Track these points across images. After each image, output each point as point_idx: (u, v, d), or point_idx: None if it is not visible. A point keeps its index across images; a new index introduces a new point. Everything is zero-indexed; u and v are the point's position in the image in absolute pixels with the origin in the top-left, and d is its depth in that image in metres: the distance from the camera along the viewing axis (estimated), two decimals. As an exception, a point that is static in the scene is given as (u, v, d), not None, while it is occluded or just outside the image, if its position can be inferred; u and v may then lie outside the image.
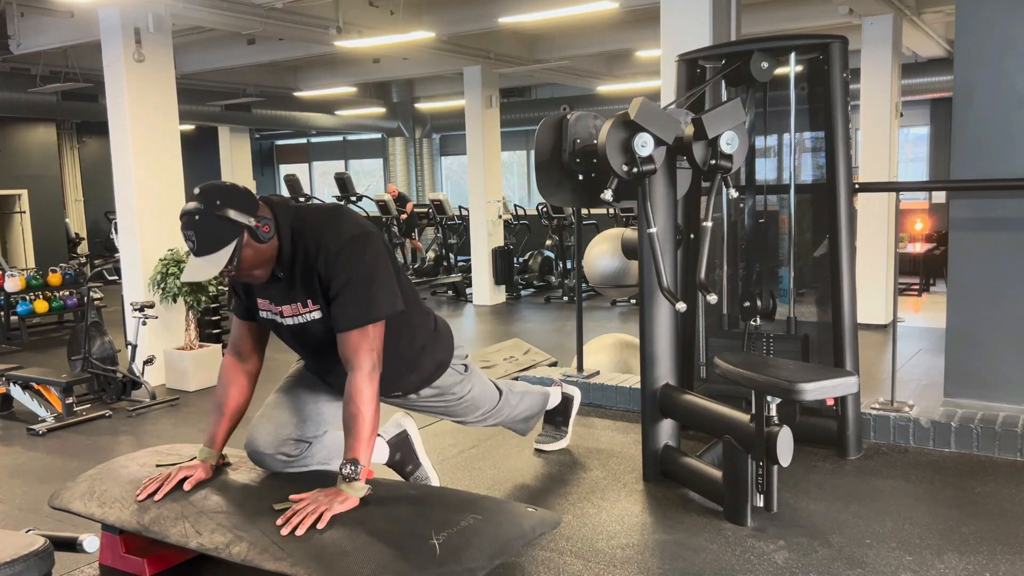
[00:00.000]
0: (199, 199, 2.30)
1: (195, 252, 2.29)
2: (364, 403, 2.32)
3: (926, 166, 13.50)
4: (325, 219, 2.43)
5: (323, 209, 2.51)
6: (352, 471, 2.31)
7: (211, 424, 2.64)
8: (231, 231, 2.28)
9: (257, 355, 2.68)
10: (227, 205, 2.28)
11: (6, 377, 5.60)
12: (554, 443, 3.68)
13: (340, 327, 2.38)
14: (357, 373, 2.34)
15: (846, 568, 2.54)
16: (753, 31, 8.10)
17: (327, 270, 2.37)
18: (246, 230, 2.30)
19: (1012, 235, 3.73)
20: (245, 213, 2.30)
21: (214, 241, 2.27)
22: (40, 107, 10.78)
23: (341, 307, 2.37)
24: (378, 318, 2.39)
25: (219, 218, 2.27)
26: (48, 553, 1.90)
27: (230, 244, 2.28)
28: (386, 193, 13.22)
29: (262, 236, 2.32)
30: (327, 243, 2.37)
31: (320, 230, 2.40)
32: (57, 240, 14.13)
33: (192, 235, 2.28)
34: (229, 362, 2.65)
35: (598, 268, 4.83)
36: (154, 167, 6.87)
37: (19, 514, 3.44)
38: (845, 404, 3.50)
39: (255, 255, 2.34)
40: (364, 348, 2.36)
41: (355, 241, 2.38)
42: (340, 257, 2.36)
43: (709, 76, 3.78)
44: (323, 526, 2.21)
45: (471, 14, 8.47)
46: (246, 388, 2.65)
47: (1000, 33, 3.70)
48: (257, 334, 2.66)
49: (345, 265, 2.36)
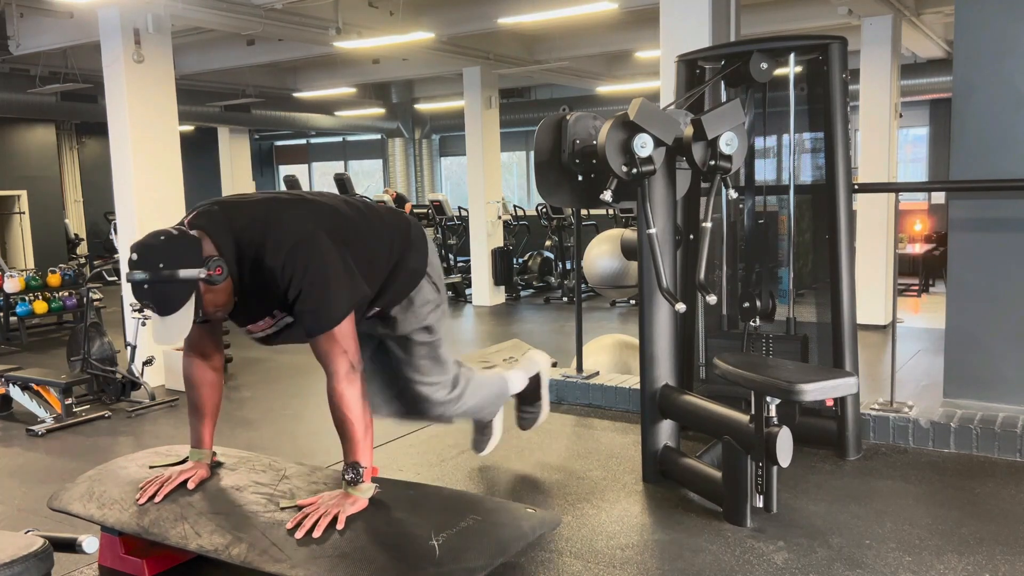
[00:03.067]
0: (140, 266, 2.22)
1: (159, 314, 2.24)
2: (349, 408, 2.32)
3: (925, 167, 13.50)
4: (260, 232, 2.34)
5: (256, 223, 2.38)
6: (355, 475, 2.32)
7: (193, 426, 2.64)
8: (185, 289, 2.24)
9: (218, 351, 2.66)
10: (171, 266, 2.22)
11: (5, 378, 5.59)
12: (537, 418, 3.55)
13: (307, 334, 2.36)
14: (334, 380, 2.33)
15: (845, 569, 2.54)
16: (752, 32, 8.10)
17: (279, 285, 2.32)
18: (200, 282, 2.26)
19: (1011, 235, 3.73)
20: (192, 266, 2.24)
21: (172, 302, 2.23)
22: (39, 108, 10.76)
23: (302, 316, 2.35)
24: (340, 318, 2.34)
25: (168, 281, 2.22)
26: (47, 554, 1.90)
27: (189, 300, 2.24)
28: (385, 194, 13.22)
29: (216, 280, 2.28)
30: (268, 263, 2.31)
31: (259, 251, 2.32)
32: (56, 241, 14.12)
33: (148, 303, 2.23)
34: (194, 363, 2.62)
35: (598, 269, 4.83)
36: (154, 168, 6.86)
37: (18, 515, 3.44)
38: (844, 405, 3.50)
39: (216, 297, 2.32)
40: (336, 352, 2.33)
41: (295, 251, 2.31)
42: (285, 271, 2.30)
43: (708, 77, 3.78)
44: (341, 527, 2.21)
45: (470, 15, 8.46)
46: (217, 384, 2.65)
47: (999, 34, 3.70)
48: (213, 332, 2.63)
49: (294, 278, 2.30)
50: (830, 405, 3.55)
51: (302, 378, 5.94)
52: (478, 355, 5.54)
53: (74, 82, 9.73)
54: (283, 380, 5.94)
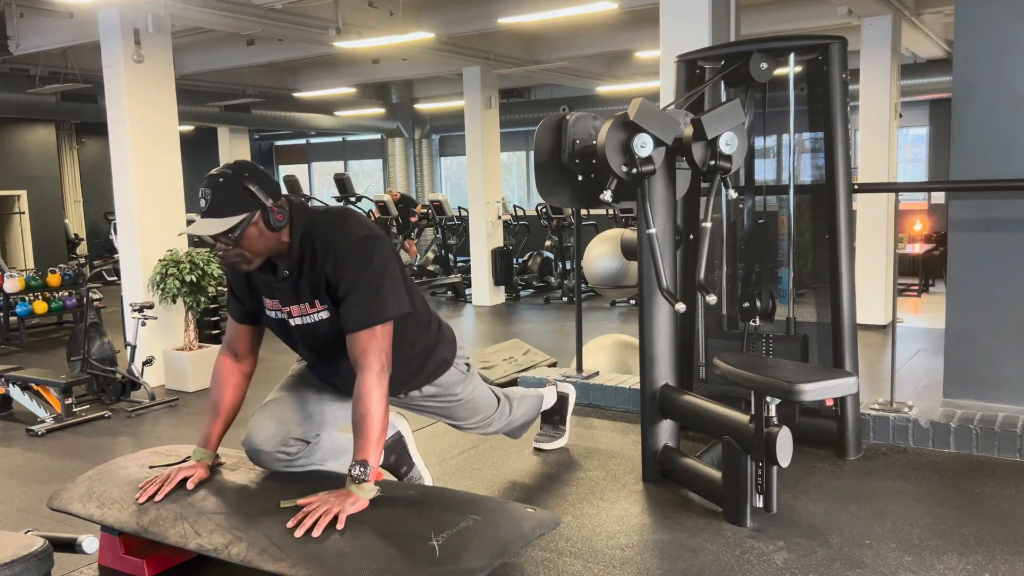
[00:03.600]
0: (231, 166, 2.35)
1: (204, 212, 2.31)
2: (373, 404, 2.33)
3: (925, 167, 13.51)
4: (334, 221, 2.45)
5: (332, 211, 2.53)
6: (362, 472, 2.31)
7: (206, 424, 2.64)
8: (246, 203, 2.30)
9: (253, 356, 2.68)
10: (252, 180, 2.32)
11: (5, 378, 5.59)
12: (553, 442, 3.69)
13: (349, 328, 2.38)
14: (366, 374, 2.35)
15: (845, 569, 2.54)
16: (752, 32, 8.11)
17: (335, 271, 2.38)
18: (260, 208, 2.32)
19: (1011, 236, 3.74)
20: (266, 194, 2.33)
21: (227, 206, 2.29)
22: (39, 108, 10.77)
23: (350, 307, 2.38)
24: (387, 319, 2.39)
25: (240, 187, 2.30)
26: (47, 554, 1.90)
27: (241, 214, 2.29)
28: (385, 194, 13.22)
29: (274, 222, 2.34)
30: (336, 244, 2.38)
31: (329, 231, 2.41)
32: (56, 241, 14.13)
33: (208, 194, 2.30)
34: (225, 362, 2.64)
35: (597, 269, 4.83)
36: (153, 168, 6.86)
37: (18, 515, 3.44)
38: (844, 405, 3.50)
39: (259, 238, 2.35)
40: (373, 349, 2.36)
41: (364, 242, 2.39)
42: (349, 258, 2.37)
43: (708, 77, 3.78)
44: (341, 527, 2.21)
45: (470, 15, 8.47)
46: (241, 388, 2.65)
47: (999, 34, 3.70)
48: (253, 336, 2.66)
49: (354, 266, 2.37)
50: (830, 405, 3.55)
51: (302, 378, 5.93)
52: (477, 355, 5.55)
53: (74, 82, 9.74)
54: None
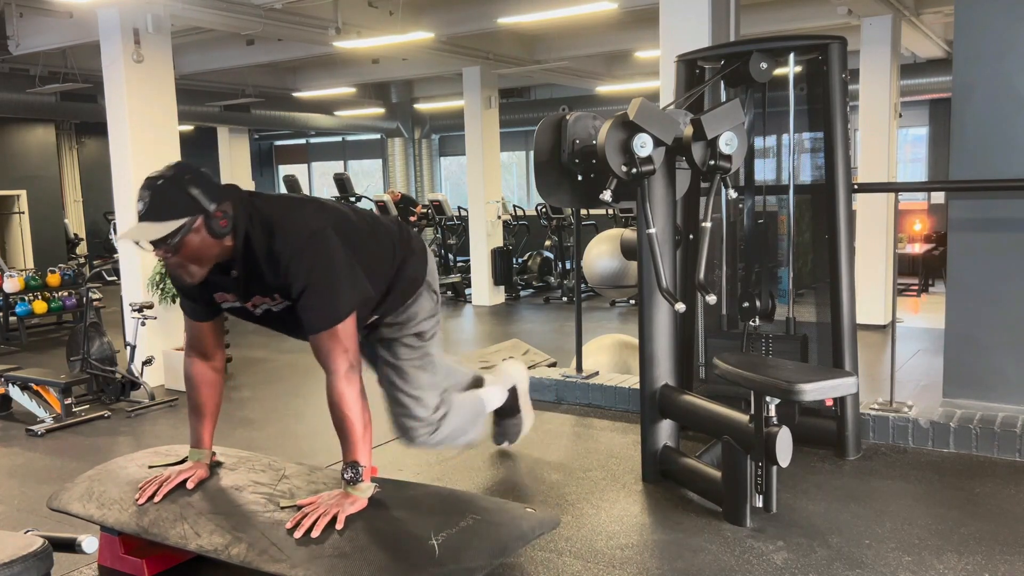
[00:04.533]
0: (171, 168, 2.27)
1: (141, 215, 2.22)
2: (348, 407, 2.31)
3: (925, 167, 13.50)
4: (277, 220, 2.35)
5: (277, 206, 2.41)
6: (354, 474, 2.31)
7: (193, 426, 2.64)
8: (186, 208, 2.21)
9: (220, 351, 2.66)
10: (193, 183, 2.23)
11: (5, 378, 5.59)
12: (519, 431, 3.53)
13: (309, 331, 2.35)
14: (334, 378, 2.32)
15: (845, 568, 2.54)
16: (752, 32, 8.10)
17: (283, 276, 2.32)
18: (202, 214, 2.23)
19: (1011, 236, 3.74)
20: (208, 198, 2.24)
21: (165, 210, 2.20)
22: (39, 107, 10.76)
23: (305, 311, 2.33)
24: (343, 316, 2.34)
25: (181, 191, 2.21)
26: (47, 554, 1.90)
27: (180, 219, 2.21)
28: (385, 194, 13.22)
29: (216, 228, 2.26)
30: (278, 248, 2.31)
31: (270, 234, 2.32)
32: (56, 241, 14.11)
33: (146, 196, 2.21)
34: (194, 363, 2.62)
35: (597, 269, 4.83)
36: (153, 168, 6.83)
37: (18, 515, 3.43)
38: (844, 405, 3.50)
39: (201, 245, 2.27)
40: (337, 350, 2.32)
41: (306, 244, 2.32)
42: (292, 263, 2.30)
43: (708, 77, 3.78)
44: (341, 527, 2.21)
45: (470, 15, 8.46)
46: (217, 385, 2.64)
47: (999, 34, 3.70)
48: (215, 331, 2.62)
49: (301, 269, 2.30)
50: (830, 405, 3.55)
51: (302, 378, 5.94)
52: (477, 355, 5.54)
53: (74, 82, 9.73)
54: (283, 380, 5.94)
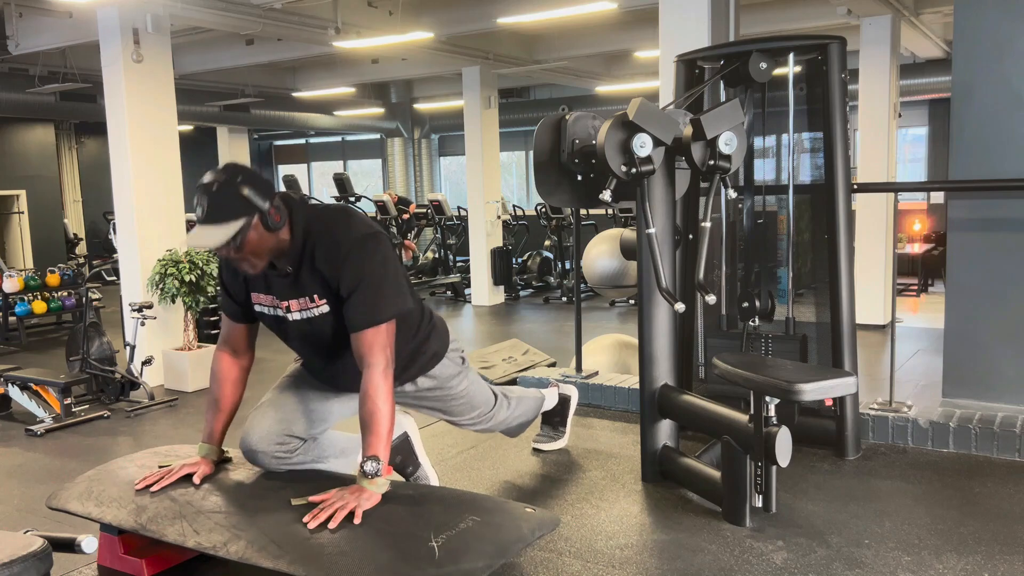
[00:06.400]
0: (221, 172, 2.33)
1: (201, 220, 2.30)
2: (381, 400, 2.35)
3: (924, 167, 13.51)
4: (335, 219, 2.46)
5: (333, 209, 2.55)
6: (374, 468, 2.33)
7: (208, 420, 2.65)
8: (243, 208, 2.29)
9: (250, 351, 2.70)
10: (245, 183, 2.31)
11: (4, 378, 5.59)
12: (552, 443, 3.69)
13: (354, 326, 2.40)
14: (372, 371, 2.36)
15: (845, 568, 2.54)
16: (752, 31, 8.11)
17: (338, 268, 2.39)
18: (258, 212, 2.31)
19: (1010, 235, 3.74)
20: (261, 196, 2.32)
21: (224, 213, 2.29)
22: (38, 107, 10.76)
23: (354, 306, 2.39)
24: (390, 316, 2.42)
25: (235, 193, 2.29)
26: (46, 554, 1.90)
27: (239, 220, 2.29)
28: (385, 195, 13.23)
29: (272, 223, 2.34)
30: (338, 242, 2.40)
31: (330, 229, 2.42)
32: (55, 241, 14.11)
33: (204, 202, 2.30)
34: (223, 358, 2.66)
35: (597, 268, 4.84)
36: (153, 168, 6.86)
37: (17, 515, 3.43)
38: (844, 404, 3.51)
39: (260, 240, 2.35)
40: (378, 346, 2.38)
41: (365, 241, 2.41)
42: (351, 257, 2.38)
43: (708, 77, 3.78)
44: (359, 521, 2.23)
45: (470, 15, 8.47)
46: (240, 384, 2.67)
47: (998, 34, 3.70)
48: (249, 333, 2.68)
49: (356, 265, 2.38)
50: (829, 405, 3.55)
51: (301, 378, 5.93)
52: (477, 355, 5.55)
53: (73, 82, 9.74)
54: (282, 380, 5.93)
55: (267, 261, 2.42)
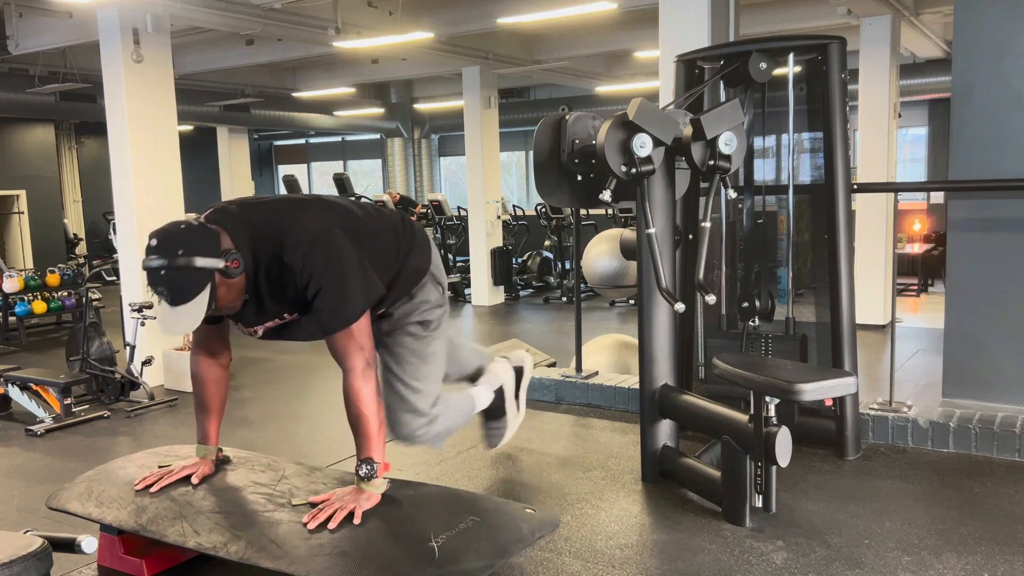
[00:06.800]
0: (159, 252, 2.21)
1: (170, 303, 2.21)
2: (364, 404, 2.34)
3: (924, 167, 13.50)
4: (280, 231, 2.35)
5: (272, 215, 2.41)
6: (369, 470, 2.34)
7: (199, 423, 2.66)
8: (201, 278, 2.22)
9: (226, 349, 2.68)
10: (190, 253, 2.20)
11: (4, 378, 5.58)
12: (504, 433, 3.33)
13: (324, 332, 2.38)
14: (351, 376, 2.35)
15: (844, 568, 2.54)
16: (751, 32, 8.10)
17: (296, 283, 2.33)
18: (215, 272, 2.24)
19: (1010, 236, 3.74)
20: (210, 256, 2.23)
21: (187, 292, 2.21)
22: (38, 107, 10.75)
23: (320, 312, 2.35)
24: (358, 315, 2.37)
25: (185, 268, 2.20)
26: (46, 554, 1.90)
27: (203, 291, 2.22)
28: (385, 194, 13.23)
29: (233, 272, 2.27)
30: (288, 260, 2.32)
31: (278, 247, 2.33)
32: (55, 241, 14.11)
33: (163, 290, 2.21)
34: (201, 360, 2.64)
35: (597, 269, 4.84)
36: (153, 168, 6.86)
37: (17, 515, 3.43)
38: (844, 404, 3.51)
39: (229, 291, 2.30)
40: (352, 348, 2.35)
41: (314, 247, 2.32)
42: (305, 269, 2.31)
43: (708, 77, 3.79)
44: (358, 522, 2.23)
45: (470, 15, 8.46)
46: (223, 381, 2.67)
47: (998, 34, 3.70)
48: (221, 332, 2.65)
49: (314, 275, 2.31)
50: (829, 405, 3.55)
51: (302, 378, 5.94)
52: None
53: (73, 82, 9.73)
54: (283, 380, 5.94)
55: (241, 299, 2.37)
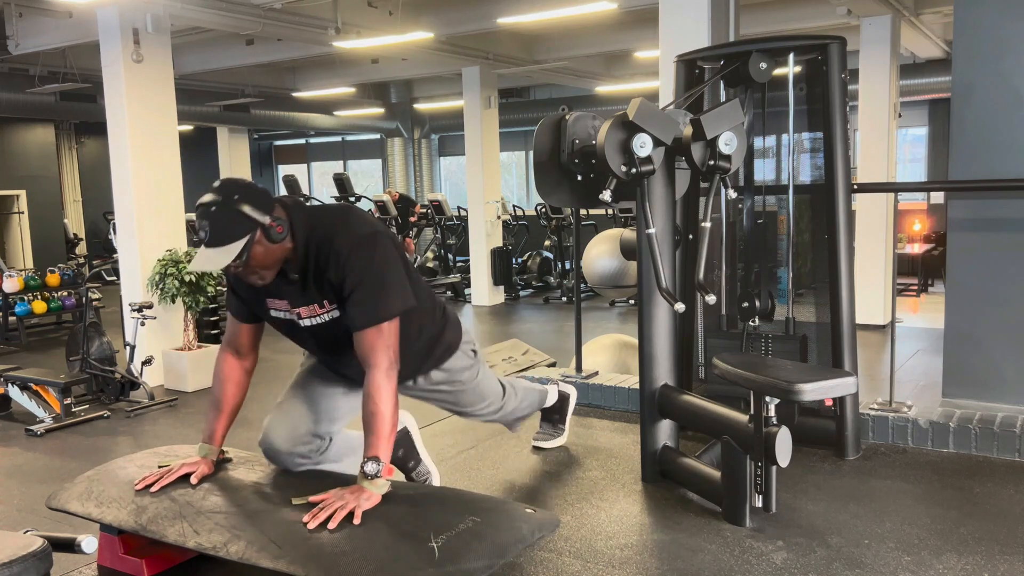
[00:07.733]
0: (217, 192, 2.32)
1: (206, 243, 2.30)
2: (383, 401, 2.35)
3: (924, 167, 13.51)
4: (335, 220, 2.46)
5: (333, 210, 2.54)
6: (375, 468, 2.33)
7: (209, 420, 2.65)
8: (245, 226, 2.29)
9: (254, 352, 2.70)
10: (244, 201, 2.30)
11: (4, 378, 5.59)
12: (552, 440, 3.71)
13: (355, 326, 2.41)
14: (375, 371, 2.37)
15: (844, 568, 2.54)
16: (751, 32, 8.11)
17: (339, 271, 2.39)
18: (259, 227, 2.31)
19: (1010, 236, 3.74)
20: (261, 211, 2.32)
21: (227, 234, 2.28)
22: (38, 107, 10.76)
23: (355, 306, 2.40)
24: (392, 315, 2.41)
25: (234, 212, 2.29)
26: (46, 554, 1.90)
27: (242, 239, 2.29)
28: (385, 194, 13.23)
29: (275, 236, 2.34)
30: (338, 244, 2.39)
31: (331, 231, 2.41)
32: (55, 241, 14.12)
33: (206, 225, 2.29)
34: (227, 359, 2.66)
35: (597, 269, 4.84)
36: (153, 168, 6.86)
37: (17, 515, 3.44)
38: (844, 404, 3.50)
39: (265, 254, 2.36)
40: (380, 346, 2.38)
41: (365, 241, 2.41)
42: (351, 257, 2.38)
43: (708, 77, 3.78)
44: (358, 522, 2.23)
45: (470, 15, 8.47)
46: (243, 385, 2.67)
47: (998, 34, 3.70)
48: (254, 333, 2.68)
49: (356, 265, 2.38)
50: (829, 405, 3.55)
51: (301, 378, 5.93)
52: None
53: (73, 82, 9.74)
54: (283, 381, 5.92)
55: (276, 271, 2.43)
